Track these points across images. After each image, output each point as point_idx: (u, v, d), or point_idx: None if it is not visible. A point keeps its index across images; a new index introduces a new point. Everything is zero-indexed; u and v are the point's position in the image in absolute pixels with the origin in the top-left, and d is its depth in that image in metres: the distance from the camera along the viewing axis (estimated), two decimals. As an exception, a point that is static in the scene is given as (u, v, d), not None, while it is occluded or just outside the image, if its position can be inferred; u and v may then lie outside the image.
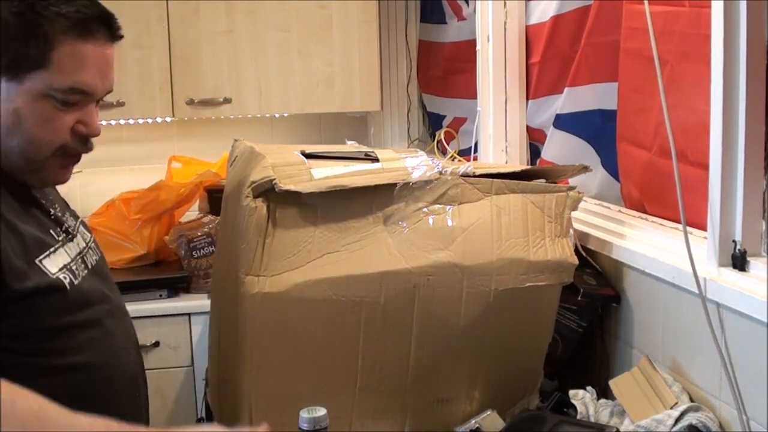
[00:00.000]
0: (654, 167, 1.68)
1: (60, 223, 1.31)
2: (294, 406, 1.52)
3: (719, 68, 1.34)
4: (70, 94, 1.20)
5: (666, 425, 1.39)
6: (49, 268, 1.20)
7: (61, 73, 1.18)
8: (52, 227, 1.27)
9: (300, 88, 2.86)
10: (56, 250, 1.23)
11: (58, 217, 1.31)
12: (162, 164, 2.95)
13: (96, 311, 1.26)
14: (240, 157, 1.68)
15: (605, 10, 1.85)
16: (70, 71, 1.19)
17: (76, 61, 1.19)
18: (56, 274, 1.20)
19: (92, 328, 1.24)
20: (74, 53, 1.19)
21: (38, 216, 1.26)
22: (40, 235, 1.22)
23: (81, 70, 1.20)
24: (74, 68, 1.19)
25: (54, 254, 1.22)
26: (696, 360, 1.46)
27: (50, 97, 1.19)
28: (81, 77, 1.20)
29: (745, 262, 1.35)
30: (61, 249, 1.25)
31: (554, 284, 1.60)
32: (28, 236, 1.18)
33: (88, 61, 1.20)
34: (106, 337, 1.27)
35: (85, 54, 1.20)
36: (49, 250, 1.22)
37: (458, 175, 1.56)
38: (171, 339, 2.56)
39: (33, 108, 1.18)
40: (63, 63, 1.18)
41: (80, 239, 1.35)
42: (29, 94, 1.18)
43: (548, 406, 1.64)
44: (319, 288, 1.46)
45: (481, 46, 2.27)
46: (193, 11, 2.76)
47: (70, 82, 1.19)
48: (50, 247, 1.22)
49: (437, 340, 1.55)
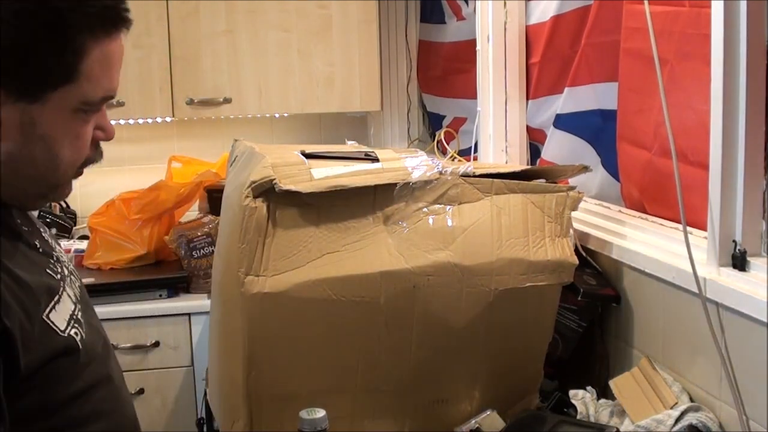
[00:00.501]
0: (654, 167, 1.68)
1: (49, 256, 1.08)
2: (294, 406, 1.52)
3: (719, 68, 1.34)
4: (101, 104, 1.03)
5: (666, 425, 1.39)
6: (58, 323, 1.01)
7: (92, 82, 0.99)
8: (47, 261, 1.07)
9: (300, 88, 2.86)
10: (61, 295, 1.04)
11: (45, 249, 1.09)
12: (162, 164, 2.95)
13: (99, 362, 1.09)
14: (240, 157, 1.68)
15: (605, 10, 1.85)
16: (100, 78, 1.00)
17: (105, 63, 1.00)
18: (66, 330, 1.02)
19: (102, 385, 1.08)
20: (104, 55, 0.99)
21: (31, 252, 1.05)
22: (44, 278, 1.02)
23: (109, 73, 1.01)
24: (103, 74, 1.00)
25: (59, 302, 1.03)
26: (696, 360, 1.46)
27: (80, 111, 1.00)
28: (110, 82, 1.02)
29: (745, 262, 1.35)
30: (64, 293, 1.05)
31: (554, 284, 1.60)
32: (35, 286, 0.99)
33: (114, 62, 1.02)
34: (113, 392, 1.11)
35: (112, 52, 1.01)
36: (54, 299, 1.02)
37: (458, 175, 1.56)
38: (171, 339, 2.56)
39: (64, 129, 0.99)
40: (94, 71, 0.99)
41: (63, 267, 1.11)
42: (57, 114, 0.98)
43: (548, 406, 1.64)
44: (319, 288, 1.46)
45: (481, 46, 2.27)
46: (193, 11, 2.76)
47: (102, 92, 1.01)
48: (56, 293, 1.03)
49: (437, 340, 1.55)
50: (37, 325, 0.97)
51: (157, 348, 2.54)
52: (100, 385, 1.07)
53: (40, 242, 1.08)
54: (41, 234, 1.12)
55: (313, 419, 1.14)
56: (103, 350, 1.10)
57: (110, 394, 1.10)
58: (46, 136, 0.98)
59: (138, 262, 2.74)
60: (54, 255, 1.10)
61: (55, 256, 1.10)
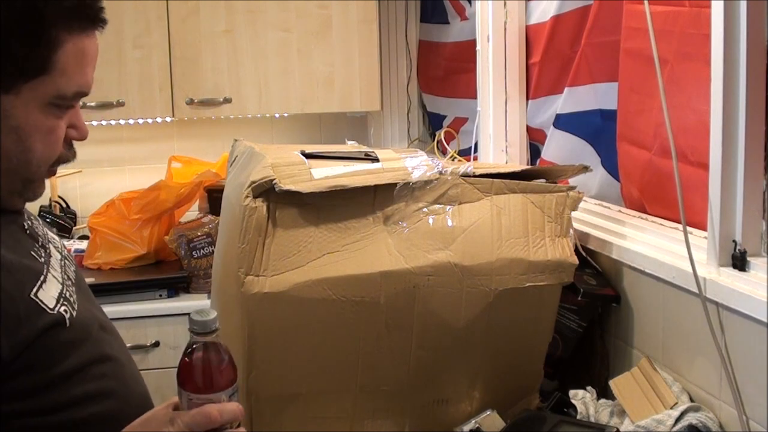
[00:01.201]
0: (654, 167, 1.68)
1: (36, 239, 1.10)
2: (294, 406, 1.53)
3: (719, 68, 1.34)
4: (74, 99, 1.03)
5: (666, 425, 1.39)
6: (46, 301, 1.01)
7: (65, 76, 1.00)
8: (32, 245, 1.08)
9: (300, 88, 2.86)
10: (46, 276, 1.05)
11: (32, 232, 1.10)
12: (162, 164, 2.95)
13: (95, 341, 1.09)
14: (240, 157, 1.68)
15: (605, 10, 1.85)
16: (74, 73, 1.01)
17: (79, 59, 1.01)
18: (56, 308, 1.02)
19: (101, 363, 1.08)
20: (78, 51, 1.00)
21: (17, 234, 1.07)
22: (27, 261, 1.03)
23: (83, 69, 1.02)
24: (77, 69, 1.01)
25: (46, 282, 1.03)
26: (696, 360, 1.46)
27: (52, 106, 1.01)
28: (84, 78, 1.03)
29: (745, 262, 1.35)
30: (49, 274, 1.06)
31: (554, 284, 1.60)
32: (19, 267, 1.00)
33: (89, 58, 1.03)
34: (116, 370, 1.11)
35: (87, 48, 1.02)
36: (40, 279, 1.03)
37: (458, 175, 1.56)
38: (171, 339, 2.56)
39: (36, 122, 1.00)
40: (68, 65, 0.99)
41: (53, 251, 1.14)
42: (30, 106, 0.99)
43: (548, 406, 1.64)
44: (319, 288, 1.46)
45: (481, 46, 2.27)
46: (193, 11, 2.76)
47: (75, 86, 1.01)
48: (40, 273, 1.04)
49: (437, 340, 1.55)
50: (22, 304, 0.97)
51: (157, 348, 2.54)
52: (98, 363, 1.06)
53: (28, 225, 1.10)
54: (30, 218, 1.13)
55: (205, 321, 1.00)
56: (99, 332, 1.10)
57: (113, 372, 1.09)
58: (18, 127, 0.99)
59: (138, 262, 2.74)
60: (39, 240, 1.10)
61: (40, 241, 1.10)
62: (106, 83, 2.66)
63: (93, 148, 2.89)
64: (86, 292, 1.18)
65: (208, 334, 1.00)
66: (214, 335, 1.00)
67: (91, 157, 2.95)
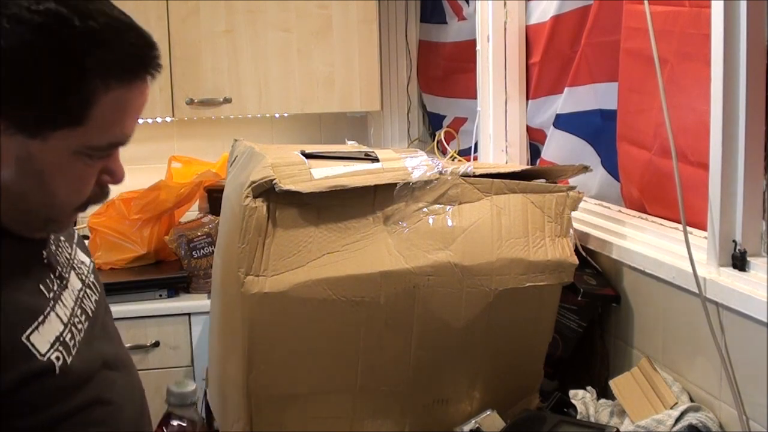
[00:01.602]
0: (654, 167, 1.68)
1: (53, 268, 1.04)
2: (294, 406, 1.53)
3: (719, 68, 1.34)
4: (108, 149, 0.97)
5: (666, 425, 1.39)
6: (39, 346, 0.94)
7: (101, 129, 0.93)
8: (45, 276, 1.02)
9: (300, 88, 2.86)
10: (48, 316, 0.98)
11: (50, 260, 1.05)
12: (162, 164, 2.95)
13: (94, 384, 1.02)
14: (240, 157, 1.68)
15: (605, 10, 1.85)
16: (111, 125, 0.94)
17: (118, 111, 0.94)
18: (47, 354, 0.94)
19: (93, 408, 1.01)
20: (118, 103, 0.93)
21: (29, 265, 1.00)
22: (29, 298, 0.97)
23: (123, 120, 0.96)
24: (116, 121, 0.95)
25: (44, 323, 0.96)
26: (696, 360, 1.46)
27: (83, 155, 0.94)
28: (122, 129, 0.96)
29: (745, 262, 1.35)
30: (52, 313, 0.99)
31: (554, 284, 1.60)
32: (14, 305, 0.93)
33: (131, 109, 0.96)
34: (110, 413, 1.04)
35: (129, 101, 0.95)
36: (38, 320, 0.96)
37: (458, 175, 1.56)
38: (171, 339, 2.56)
39: (61, 168, 0.94)
40: (104, 118, 0.93)
41: (75, 280, 1.09)
42: (56, 153, 0.93)
43: (548, 406, 1.64)
44: (319, 288, 1.46)
45: (481, 46, 2.27)
46: (193, 11, 2.76)
47: (110, 138, 0.95)
48: (40, 314, 0.97)
49: (437, 340, 1.55)
50: (10, 346, 0.91)
51: (157, 348, 2.54)
52: (92, 408, 1.00)
53: (47, 252, 1.04)
54: (50, 243, 1.07)
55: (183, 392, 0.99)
56: (102, 372, 1.04)
57: (109, 416, 1.04)
58: (42, 172, 0.94)
59: (138, 262, 2.74)
60: (58, 269, 1.05)
61: (58, 271, 1.05)
62: (106, 83, 2.66)
63: (93, 148, 2.89)
64: (104, 325, 1.12)
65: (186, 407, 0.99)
66: (192, 409, 0.99)
67: (91, 157, 2.95)
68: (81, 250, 1.17)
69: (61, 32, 0.88)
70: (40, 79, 0.88)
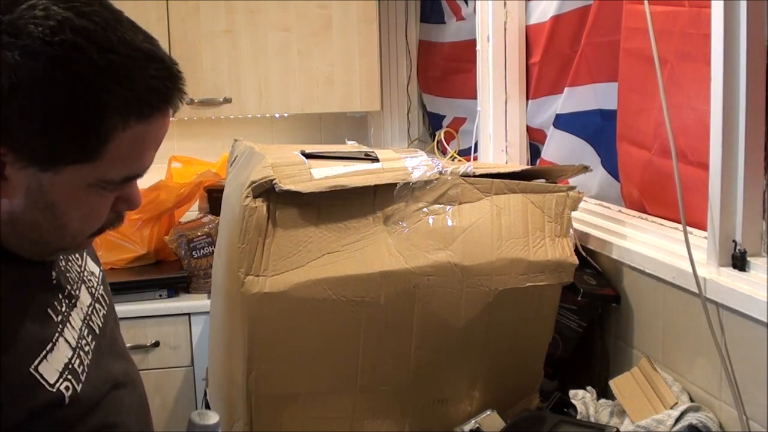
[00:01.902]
0: (654, 167, 1.68)
1: (62, 288, 1.00)
2: (294, 406, 1.53)
3: (719, 68, 1.34)
4: (123, 183, 0.92)
5: (666, 425, 1.39)
6: (47, 376, 0.89)
7: (117, 163, 0.89)
8: (54, 299, 0.97)
9: (300, 88, 2.86)
10: (56, 342, 0.93)
11: (60, 280, 1.00)
12: (162, 164, 2.95)
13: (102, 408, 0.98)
14: (240, 157, 1.68)
15: (605, 10, 1.85)
16: (128, 160, 0.90)
17: (136, 147, 0.89)
18: (56, 384, 0.90)
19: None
20: (136, 139, 0.88)
21: (37, 290, 0.95)
22: (36, 326, 0.92)
23: (139, 156, 0.91)
24: (134, 156, 0.90)
25: (53, 351, 0.92)
26: (696, 360, 1.46)
27: (97, 187, 0.90)
28: (139, 163, 0.91)
29: (745, 262, 1.35)
30: (60, 338, 0.94)
31: (554, 284, 1.60)
32: (20, 334, 0.89)
33: (149, 143, 0.91)
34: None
35: (147, 135, 0.90)
36: (46, 348, 0.91)
37: (458, 175, 1.56)
38: (171, 339, 2.56)
39: (74, 201, 0.90)
40: (122, 153, 0.88)
41: (85, 295, 1.05)
42: (68, 186, 0.88)
43: (548, 406, 1.64)
44: (319, 288, 1.46)
45: (481, 46, 2.27)
46: (193, 11, 2.76)
47: (126, 172, 0.91)
48: (48, 341, 0.92)
49: (437, 340, 1.55)
50: (17, 378, 0.87)
51: (157, 348, 2.54)
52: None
53: (57, 272, 1.00)
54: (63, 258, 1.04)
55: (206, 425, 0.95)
56: (111, 393, 1.00)
57: None
58: (53, 204, 0.89)
59: (138, 262, 2.74)
60: (67, 288, 1.01)
61: (67, 290, 1.00)
62: (106, 83, 2.66)
63: (93, 148, 2.89)
64: (112, 340, 1.08)
65: None
66: None
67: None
68: (91, 258, 1.14)
69: (78, 66, 0.82)
70: (54, 114, 0.83)
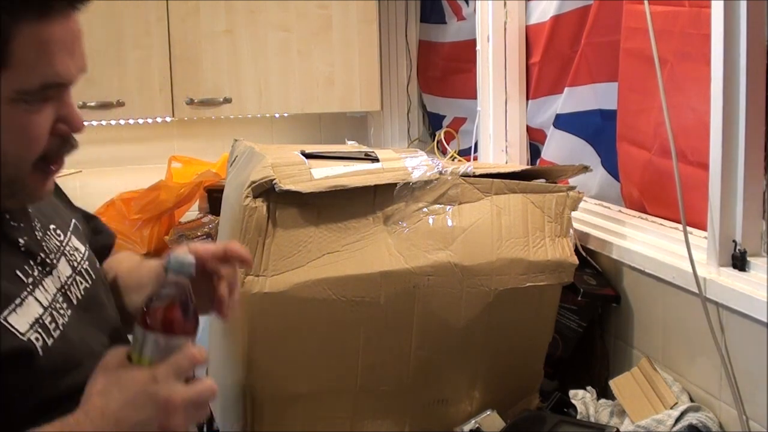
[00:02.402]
0: (654, 167, 1.68)
1: (33, 255, 1.02)
2: (294, 406, 1.53)
3: (719, 68, 1.34)
4: (43, 92, 0.93)
5: (666, 425, 1.39)
6: (18, 326, 0.93)
7: (27, 69, 0.90)
8: (22, 264, 1.00)
9: (300, 88, 2.86)
10: (25, 299, 0.96)
11: (30, 247, 1.03)
12: (162, 164, 2.95)
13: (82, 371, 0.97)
14: (240, 157, 1.68)
15: (605, 10, 1.85)
16: (36, 65, 0.91)
17: (41, 49, 0.91)
18: (27, 334, 0.93)
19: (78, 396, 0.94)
20: (40, 42, 0.91)
21: (4, 253, 0.98)
22: (5, 284, 0.95)
23: (50, 58, 0.92)
24: (40, 60, 0.91)
25: (22, 306, 0.95)
26: (696, 360, 1.46)
27: (19, 101, 0.91)
28: (51, 68, 0.93)
29: (745, 262, 1.35)
30: (30, 296, 0.97)
31: (554, 284, 1.60)
32: None
33: (57, 45, 0.92)
34: None
35: (51, 36, 0.92)
36: (15, 302, 0.94)
37: (458, 175, 1.56)
38: (171, 339, 2.55)
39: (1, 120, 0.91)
40: (27, 56, 0.90)
41: (64, 266, 1.07)
42: None
43: (548, 406, 1.64)
44: (319, 288, 1.46)
45: (481, 46, 2.27)
46: (193, 11, 2.76)
47: (40, 78, 0.92)
48: (17, 297, 0.95)
49: (437, 340, 1.55)
50: None
51: (157, 348, 2.54)
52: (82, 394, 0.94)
53: (27, 239, 1.02)
54: (34, 230, 1.05)
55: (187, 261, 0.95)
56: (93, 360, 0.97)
57: None
58: None
59: (138, 262, 2.73)
60: (39, 257, 1.02)
61: (39, 258, 1.02)
62: (106, 83, 2.66)
63: (93, 148, 2.88)
64: (101, 316, 1.09)
65: (188, 276, 0.96)
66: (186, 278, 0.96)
67: (91, 157, 2.95)
68: (76, 237, 1.15)
69: None
70: None
